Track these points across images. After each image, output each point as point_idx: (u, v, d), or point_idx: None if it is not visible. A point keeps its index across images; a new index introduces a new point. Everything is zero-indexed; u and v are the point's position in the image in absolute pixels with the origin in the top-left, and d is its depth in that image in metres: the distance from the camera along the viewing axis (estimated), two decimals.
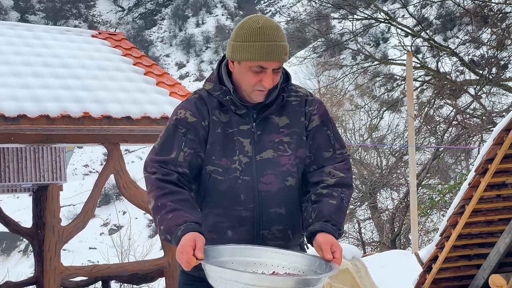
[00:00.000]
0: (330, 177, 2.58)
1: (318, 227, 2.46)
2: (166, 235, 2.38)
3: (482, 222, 7.47)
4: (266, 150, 2.58)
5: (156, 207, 2.43)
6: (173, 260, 8.25)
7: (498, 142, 6.68)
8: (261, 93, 2.57)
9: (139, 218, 28.10)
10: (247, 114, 2.59)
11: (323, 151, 2.64)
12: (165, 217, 2.39)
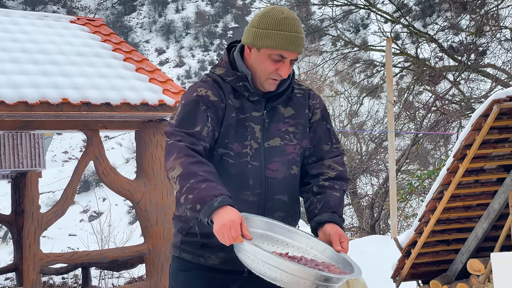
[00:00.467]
0: (331, 170, 2.66)
1: (327, 218, 2.54)
2: (195, 204, 2.33)
3: (461, 207, 7.54)
4: (274, 138, 2.63)
5: (185, 174, 2.37)
6: (153, 246, 8.25)
7: (476, 128, 6.73)
8: (275, 82, 2.61)
9: (119, 204, 28.04)
10: (259, 101, 2.63)
11: (322, 144, 2.72)
12: (197, 186, 2.33)
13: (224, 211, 2.29)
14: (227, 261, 2.59)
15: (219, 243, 2.52)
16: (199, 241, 2.60)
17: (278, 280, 2.25)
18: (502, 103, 6.48)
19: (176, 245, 2.69)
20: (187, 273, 2.64)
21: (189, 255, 2.62)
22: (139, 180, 8.39)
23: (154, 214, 8.30)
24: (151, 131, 8.38)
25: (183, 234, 2.65)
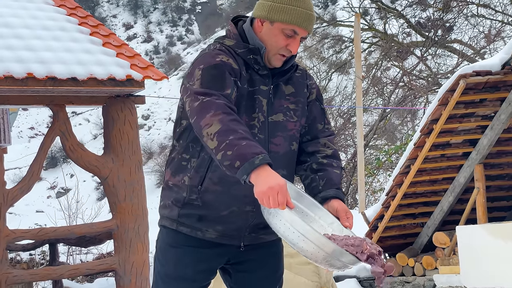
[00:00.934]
0: (327, 148, 2.69)
1: (333, 194, 2.57)
2: (235, 161, 2.26)
3: (427, 181, 7.63)
4: (277, 113, 2.63)
5: (224, 131, 2.30)
6: (121, 222, 8.21)
7: (443, 102, 6.79)
8: (282, 58, 2.62)
9: (87, 181, 27.87)
10: (268, 75, 2.63)
11: (317, 123, 2.74)
12: (237, 142, 2.27)
13: (269, 173, 2.25)
14: (225, 235, 2.57)
15: (217, 215, 2.54)
16: (196, 214, 2.56)
17: (309, 254, 2.26)
18: (468, 78, 6.54)
19: (173, 218, 2.62)
20: (178, 249, 2.60)
21: (187, 228, 2.58)
22: (107, 156, 8.32)
23: (122, 190, 8.25)
24: (118, 107, 8.29)
25: (179, 206, 2.59)
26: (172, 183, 2.62)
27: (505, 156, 7.60)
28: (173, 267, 2.59)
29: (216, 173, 2.52)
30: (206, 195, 2.52)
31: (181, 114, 2.61)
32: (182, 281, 2.56)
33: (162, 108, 34.73)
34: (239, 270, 2.67)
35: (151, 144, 30.20)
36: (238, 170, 2.26)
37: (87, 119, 34.39)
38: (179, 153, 2.62)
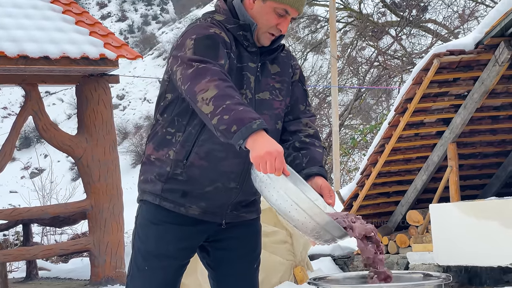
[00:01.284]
0: (309, 128, 2.69)
1: (317, 171, 2.56)
2: (231, 125, 2.21)
3: (401, 160, 7.68)
4: (264, 91, 2.61)
5: (221, 95, 2.26)
6: (95, 202, 8.18)
7: (417, 81, 6.81)
8: (271, 37, 2.60)
9: (61, 161, 27.66)
10: (256, 53, 2.61)
11: (299, 104, 2.74)
12: (234, 107, 2.24)
13: (266, 138, 2.21)
14: (207, 212, 2.55)
15: (202, 191, 2.51)
16: (180, 189, 2.53)
17: (299, 223, 2.22)
18: (442, 57, 6.57)
19: (156, 193, 2.57)
20: (159, 226, 2.56)
21: (170, 204, 2.54)
22: (81, 135, 8.26)
23: (96, 170, 8.21)
24: (92, 86, 8.23)
25: (163, 181, 2.55)
26: (155, 157, 2.57)
27: (478, 135, 7.66)
28: (154, 244, 2.55)
29: (202, 148, 2.49)
30: (191, 170, 2.49)
31: (166, 88, 2.57)
32: (163, 258, 2.53)
33: (137, 88, 34.51)
34: (217, 248, 2.66)
35: (126, 124, 30.02)
36: (235, 134, 2.21)
37: (61, 98, 34.05)
38: (163, 127, 2.57)
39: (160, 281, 2.53)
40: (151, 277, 2.53)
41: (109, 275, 8.11)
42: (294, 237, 6.86)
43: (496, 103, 7.39)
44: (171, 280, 2.55)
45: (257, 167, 2.22)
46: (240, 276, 2.67)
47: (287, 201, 2.21)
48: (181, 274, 2.60)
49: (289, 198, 2.21)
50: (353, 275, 2.49)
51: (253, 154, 2.21)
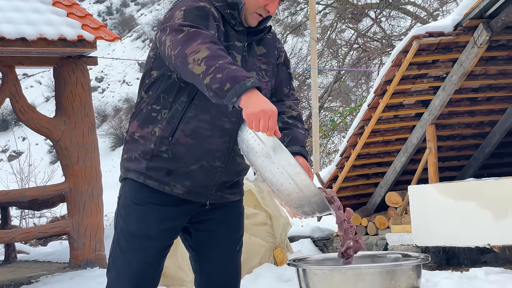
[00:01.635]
0: (292, 110, 2.69)
1: (297, 150, 2.54)
2: (225, 83, 2.16)
3: (380, 142, 7.71)
4: (250, 71, 2.58)
5: (214, 56, 2.22)
6: (74, 185, 8.13)
7: (396, 63, 6.83)
8: (259, 17, 2.58)
9: (40, 144, 27.45)
10: (243, 32, 2.58)
11: (283, 87, 2.73)
12: (228, 66, 2.20)
13: (261, 97, 2.18)
14: (191, 191, 2.53)
15: (186, 169, 2.48)
16: (165, 167, 2.50)
17: (283, 188, 2.16)
18: (421, 39, 6.58)
19: (141, 171, 2.53)
20: (142, 207, 2.53)
21: (155, 182, 2.51)
22: (59, 118, 8.19)
23: (75, 153, 8.14)
24: (70, 68, 8.15)
25: (147, 159, 2.51)
26: (139, 134, 2.54)
27: (456, 117, 7.71)
28: (136, 225, 2.53)
29: (188, 125, 2.47)
30: (177, 147, 2.47)
31: (151, 65, 2.55)
32: (146, 240, 2.51)
33: (116, 71, 34.31)
34: (199, 230, 2.64)
35: (105, 106, 29.84)
36: (228, 93, 2.16)
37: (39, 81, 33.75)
38: (148, 104, 2.54)
39: (142, 262, 2.51)
40: (133, 258, 2.50)
41: (89, 258, 8.08)
42: (274, 219, 6.88)
43: (474, 85, 7.43)
44: (153, 261, 2.53)
45: (249, 125, 2.17)
46: (222, 258, 2.66)
47: (274, 164, 2.16)
48: (164, 255, 2.58)
49: (277, 161, 2.15)
50: (332, 256, 2.49)
51: (246, 111, 2.16)
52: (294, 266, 2.23)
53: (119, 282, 2.51)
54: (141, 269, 2.50)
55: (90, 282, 7.04)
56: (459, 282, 5.38)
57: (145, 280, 2.51)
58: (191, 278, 5.80)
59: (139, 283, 2.50)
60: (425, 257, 2.21)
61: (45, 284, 7.33)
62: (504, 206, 5.83)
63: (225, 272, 2.68)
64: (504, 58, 7.23)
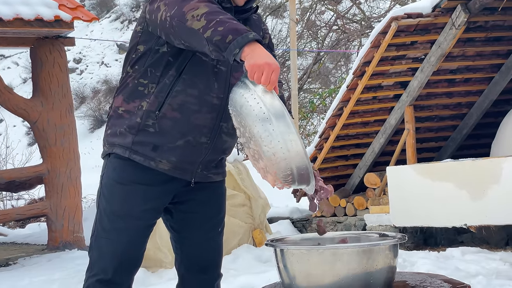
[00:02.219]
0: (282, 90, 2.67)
1: None
2: (226, 36, 2.13)
3: (359, 124, 7.73)
4: None
5: (214, 11, 2.21)
6: (52, 166, 8.08)
7: (375, 45, 6.83)
8: None
9: (17, 125, 27.23)
10: (230, 9, 2.53)
11: None
12: (228, 20, 2.17)
13: (264, 50, 2.15)
14: (177, 167, 2.50)
15: (172, 145, 2.45)
16: (151, 142, 2.47)
17: (268, 148, 2.11)
18: (400, 20, 6.59)
19: (126, 145, 2.49)
20: (125, 187, 2.50)
21: (140, 157, 2.47)
22: (36, 99, 8.12)
23: (52, 134, 8.09)
24: (47, 48, 8.07)
25: (133, 133, 2.48)
26: (124, 109, 2.51)
27: (434, 98, 7.75)
28: (120, 205, 2.50)
29: (176, 99, 2.44)
30: (163, 121, 2.44)
31: (138, 40, 2.51)
32: (129, 220, 2.48)
33: (94, 52, 34.01)
34: (181, 210, 2.63)
35: (83, 88, 29.61)
36: (230, 44, 2.13)
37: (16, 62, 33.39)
38: (135, 78, 2.51)
39: (126, 242, 2.49)
40: (116, 238, 2.48)
41: (67, 240, 8.06)
42: (253, 200, 6.89)
43: (452, 66, 7.46)
44: (136, 241, 2.51)
45: (250, 75, 2.14)
46: (203, 239, 2.65)
47: (267, 119, 2.10)
48: (147, 235, 2.55)
49: (272, 115, 2.10)
50: (310, 236, 2.50)
51: (250, 61, 2.13)
52: (272, 246, 2.23)
53: (101, 261, 2.49)
54: (124, 249, 2.48)
55: (68, 264, 7.03)
56: (436, 261, 5.44)
57: (129, 259, 2.50)
58: (170, 259, 5.80)
59: (122, 263, 2.48)
60: (402, 237, 2.23)
61: (23, 266, 7.30)
62: (481, 186, 5.88)
63: (206, 253, 2.67)
64: (482, 40, 7.26)
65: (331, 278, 2.06)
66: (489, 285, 4.60)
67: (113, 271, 2.48)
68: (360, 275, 2.06)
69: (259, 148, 2.15)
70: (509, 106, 7.48)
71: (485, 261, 5.48)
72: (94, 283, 2.49)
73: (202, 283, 2.67)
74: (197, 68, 2.47)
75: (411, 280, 2.31)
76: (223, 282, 2.78)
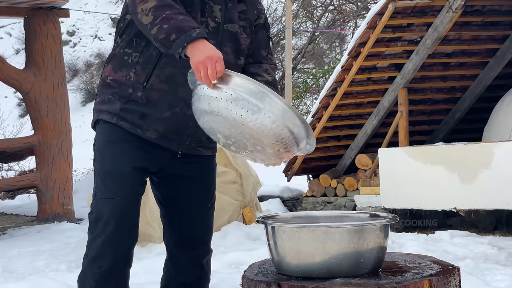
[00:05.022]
0: (267, 74, 2.63)
1: None
2: (170, 34, 2.18)
3: (352, 105, 7.73)
4: (233, 23, 2.55)
5: (161, 6, 2.23)
6: (43, 138, 8.05)
7: (371, 26, 6.81)
8: None
9: (9, 96, 27.08)
10: None
11: (261, 49, 2.68)
12: (174, 16, 2.21)
13: (206, 44, 2.18)
14: (164, 137, 2.49)
15: (160, 116, 2.45)
16: (139, 111, 2.47)
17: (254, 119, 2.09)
18: (397, 1, 6.56)
19: (114, 112, 2.50)
20: (115, 145, 2.50)
21: (128, 124, 2.47)
22: (29, 70, 8.07)
23: (44, 106, 8.05)
24: (41, 19, 8.01)
25: (123, 102, 2.49)
26: (112, 78, 2.52)
27: (429, 81, 7.74)
28: (111, 163, 2.50)
29: (164, 71, 2.44)
30: (151, 93, 2.44)
31: (126, 10, 2.51)
32: (121, 177, 2.47)
33: (88, 25, 33.80)
34: (169, 185, 2.62)
35: (76, 61, 29.44)
36: (174, 43, 2.19)
37: (9, 33, 33.14)
38: (121, 47, 2.51)
39: (120, 199, 2.46)
40: (111, 196, 2.47)
41: (57, 212, 8.05)
42: (244, 178, 6.89)
43: (447, 50, 7.45)
44: (130, 197, 2.48)
45: (197, 74, 2.17)
46: (192, 214, 2.63)
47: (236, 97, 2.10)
48: (139, 194, 2.52)
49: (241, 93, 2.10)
50: (301, 214, 2.50)
51: (193, 60, 2.17)
52: (263, 223, 2.23)
53: (99, 222, 2.47)
54: (120, 206, 2.45)
55: (57, 235, 7.03)
56: (424, 244, 5.46)
57: (125, 216, 2.47)
58: (159, 234, 5.80)
59: (118, 220, 2.45)
60: (393, 217, 2.23)
61: (12, 236, 7.30)
62: (472, 170, 5.90)
63: (195, 230, 2.65)
64: (478, 24, 7.25)
65: (322, 256, 2.06)
66: (476, 269, 4.63)
67: (114, 231, 2.44)
68: (350, 254, 2.06)
69: (249, 130, 2.13)
70: (502, 92, 7.48)
71: (473, 244, 5.51)
72: (98, 246, 2.45)
73: (191, 259, 2.66)
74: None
75: (400, 260, 2.31)
76: (212, 258, 2.77)
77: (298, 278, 2.08)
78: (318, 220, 2.41)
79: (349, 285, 1.98)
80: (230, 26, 2.55)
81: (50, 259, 5.70)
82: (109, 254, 2.44)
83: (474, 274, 4.39)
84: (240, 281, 2.24)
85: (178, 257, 2.67)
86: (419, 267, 2.18)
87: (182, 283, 2.66)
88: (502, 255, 5.11)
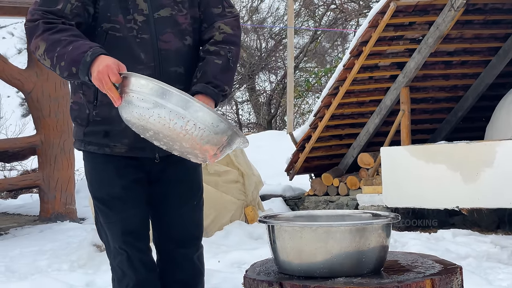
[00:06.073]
0: (218, 33, 2.53)
1: (199, 89, 2.43)
2: (70, 69, 2.23)
3: (354, 103, 7.72)
4: (164, 8, 2.49)
5: (50, 46, 2.28)
6: (46, 138, 8.06)
7: (373, 24, 6.80)
8: None
9: (11, 96, 27.11)
10: None
11: (212, 8, 2.58)
12: (65, 50, 2.25)
13: (100, 60, 2.21)
14: (133, 147, 2.47)
15: (120, 128, 2.42)
16: (102, 130, 2.46)
17: (153, 118, 2.12)
18: (399, 0, 6.55)
19: (80, 138, 2.53)
20: (97, 171, 2.53)
21: (95, 146, 2.48)
22: (31, 69, 8.08)
23: (46, 105, 8.06)
24: None
25: (84, 125, 2.50)
26: (73, 100, 2.54)
27: (431, 80, 7.73)
28: (100, 189, 2.52)
29: None
30: (103, 109, 2.43)
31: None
32: (115, 200, 2.49)
33: None
34: (156, 187, 2.59)
35: None
36: (78, 74, 2.24)
37: (11, 32, 33.15)
38: None
39: (122, 221, 2.48)
40: (113, 221, 2.49)
41: (59, 211, 8.06)
42: (246, 177, 6.89)
43: (449, 48, 7.44)
44: (134, 213, 2.51)
45: (100, 86, 2.21)
46: (178, 215, 2.60)
47: (148, 102, 2.13)
48: (141, 202, 2.54)
49: (151, 96, 2.13)
50: (303, 213, 2.50)
51: (93, 75, 2.22)
52: (265, 222, 2.23)
53: (113, 241, 2.51)
54: (125, 228, 2.48)
55: (59, 235, 7.03)
56: (427, 243, 5.46)
57: (135, 232, 2.50)
58: None
59: (128, 237, 2.49)
60: (395, 216, 2.23)
61: (15, 236, 7.31)
62: (474, 169, 5.89)
63: (183, 228, 2.63)
64: (480, 22, 7.24)
65: (324, 256, 2.05)
66: (479, 267, 4.62)
67: (127, 246, 2.48)
68: (352, 253, 2.05)
69: (152, 126, 2.16)
70: (504, 90, 7.47)
71: (475, 243, 5.50)
72: (119, 263, 2.50)
73: (181, 257, 2.64)
74: (116, 45, 2.42)
75: (402, 259, 2.31)
76: (214, 257, 2.77)
77: (300, 277, 2.08)
78: (320, 219, 2.40)
79: (351, 285, 1.97)
80: (162, 11, 2.48)
81: (53, 258, 5.70)
82: (130, 272, 2.48)
83: (476, 273, 4.39)
84: (242, 280, 2.23)
85: (169, 255, 2.65)
86: (421, 266, 2.18)
87: (176, 280, 2.64)
88: (505, 253, 5.11)
